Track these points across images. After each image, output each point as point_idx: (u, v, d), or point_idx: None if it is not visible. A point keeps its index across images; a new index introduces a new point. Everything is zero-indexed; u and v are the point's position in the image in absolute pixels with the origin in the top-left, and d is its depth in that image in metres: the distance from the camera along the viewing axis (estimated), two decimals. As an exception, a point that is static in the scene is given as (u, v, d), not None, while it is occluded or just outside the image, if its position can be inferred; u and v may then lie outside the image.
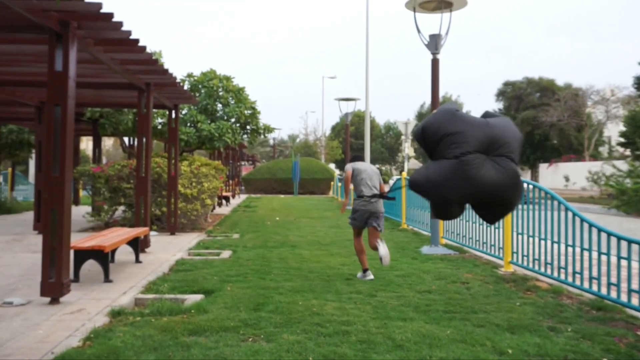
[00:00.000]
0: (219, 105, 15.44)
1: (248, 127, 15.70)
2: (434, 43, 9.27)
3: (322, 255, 8.91)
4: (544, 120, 44.88)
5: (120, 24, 6.01)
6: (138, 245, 8.20)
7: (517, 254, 7.59)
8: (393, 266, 7.89)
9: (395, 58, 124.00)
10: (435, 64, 9.43)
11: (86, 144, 45.11)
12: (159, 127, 14.83)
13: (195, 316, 5.05)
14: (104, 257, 6.63)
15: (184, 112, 14.85)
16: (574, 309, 5.56)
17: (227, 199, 22.57)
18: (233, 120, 15.40)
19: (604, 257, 5.86)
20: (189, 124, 14.83)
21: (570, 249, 6.46)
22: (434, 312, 5.35)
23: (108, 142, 51.11)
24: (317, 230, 12.83)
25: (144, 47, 7.04)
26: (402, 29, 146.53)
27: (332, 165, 52.39)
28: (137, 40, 6.73)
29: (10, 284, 6.45)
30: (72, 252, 6.29)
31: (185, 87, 14.51)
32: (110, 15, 5.73)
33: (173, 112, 11.60)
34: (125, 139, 16.78)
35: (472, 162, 4.44)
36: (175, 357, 4.00)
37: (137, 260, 8.10)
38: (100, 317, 5.04)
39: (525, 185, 7.67)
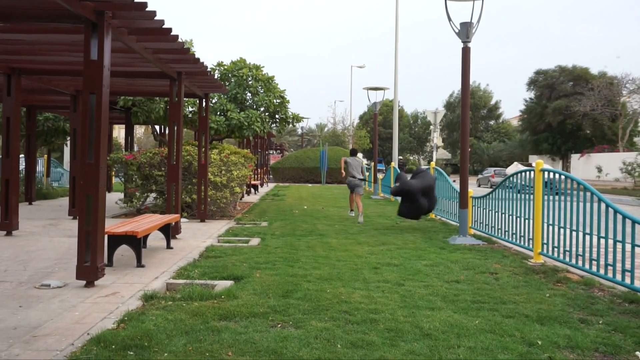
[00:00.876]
0: (249, 94, 15.53)
1: (277, 116, 15.75)
2: (465, 31, 9.12)
3: (350, 244, 8.94)
4: (577, 110, 43.81)
5: (153, 12, 6.09)
6: (169, 231, 8.35)
7: (547, 245, 7.49)
8: (421, 256, 7.89)
9: (425, 47, 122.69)
10: (465, 52, 9.28)
11: (118, 132, 45.95)
12: (189, 115, 15.01)
13: (225, 302, 5.13)
14: (136, 242, 6.78)
15: (214, 100, 14.98)
16: (606, 301, 5.47)
17: (255, 187, 22.76)
18: (262, 109, 15.48)
19: (638, 250, 5.75)
20: (218, 113, 14.96)
21: (602, 241, 6.35)
22: (462, 302, 5.33)
23: (139, 131, 51.90)
24: (344, 219, 12.84)
25: (176, 36, 7.12)
26: (432, 18, 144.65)
27: (360, 155, 52.19)
28: (169, 29, 6.81)
29: (47, 267, 6.65)
30: (106, 237, 6.44)
31: (216, 76, 14.63)
32: (144, 4, 5.81)
33: (203, 100, 11.72)
34: (157, 127, 17.03)
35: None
36: (205, 341, 4.08)
37: (169, 246, 8.25)
38: (133, 301, 5.17)
39: (556, 175, 7.57)
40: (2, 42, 7.70)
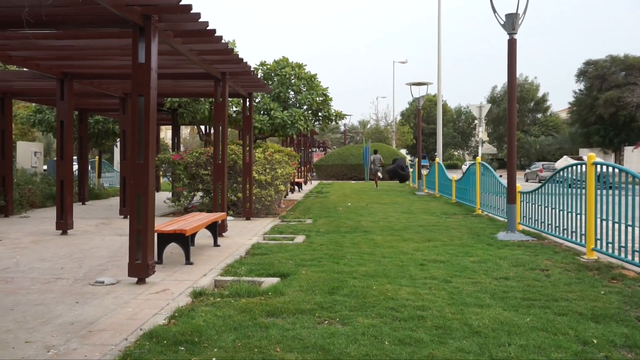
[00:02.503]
0: (291, 93, 15.61)
1: (320, 113, 15.77)
2: (511, 22, 8.89)
3: (395, 240, 8.88)
4: (630, 101, 42.05)
5: (198, 15, 6.20)
6: (216, 229, 8.48)
7: (600, 240, 7.23)
8: (468, 252, 7.76)
9: (468, 41, 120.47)
10: (512, 44, 9.05)
11: (165, 133, 46.99)
12: (234, 115, 15.21)
13: (272, 298, 5.18)
14: (185, 240, 6.92)
15: (257, 100, 15.13)
16: (665, 298, 5.25)
17: (299, 185, 22.88)
18: (305, 107, 15.53)
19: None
20: (262, 112, 15.10)
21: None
22: (511, 299, 5.21)
23: (185, 131, 52.97)
24: (389, 215, 12.79)
25: (220, 37, 7.23)
26: (476, 10, 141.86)
27: (403, 151, 51.75)
28: (214, 31, 6.92)
29: (101, 265, 6.88)
30: (155, 236, 6.60)
31: (259, 76, 14.77)
32: (189, 7, 5.92)
33: (247, 100, 11.86)
34: (202, 128, 17.33)
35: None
36: (254, 337, 4.13)
37: (216, 244, 8.38)
38: (183, 297, 5.28)
39: (609, 168, 7.31)
40: (54, 48, 8.02)
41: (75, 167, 15.73)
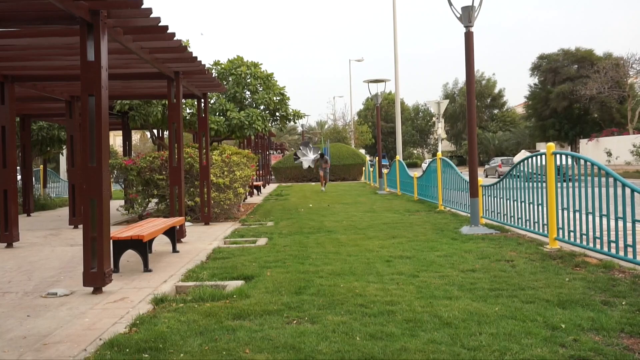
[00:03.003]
0: (248, 93, 15.38)
1: (277, 113, 15.61)
2: (467, 15, 8.95)
3: (360, 239, 8.81)
4: (583, 94, 43.17)
5: (149, 10, 5.97)
6: (174, 235, 8.22)
7: (562, 230, 7.34)
8: (433, 247, 7.75)
9: (422, 38, 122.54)
10: (468, 37, 9.11)
11: (113, 140, 45.78)
12: (188, 117, 14.86)
13: (238, 301, 5.01)
14: (142, 246, 6.65)
15: (212, 101, 14.85)
16: (628, 282, 5.34)
17: (258, 188, 22.63)
18: (262, 107, 15.33)
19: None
20: (218, 113, 14.82)
21: (620, 223, 6.20)
22: (479, 290, 5.21)
23: (134, 137, 51.71)
24: (351, 215, 12.73)
25: (172, 34, 7.00)
26: (431, 5, 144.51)
27: (362, 151, 52.05)
28: (166, 27, 6.69)
29: (52, 276, 6.53)
30: (111, 243, 6.31)
31: (213, 76, 14.49)
32: (139, 2, 5.69)
33: (202, 101, 11.58)
34: (155, 131, 16.89)
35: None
36: (221, 340, 3.97)
37: (175, 250, 8.12)
38: (143, 305, 5.05)
39: (568, 160, 7.41)
40: (-7, 48, 7.56)
41: (19, 177, 14.98)
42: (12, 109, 9.18)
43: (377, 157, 22.37)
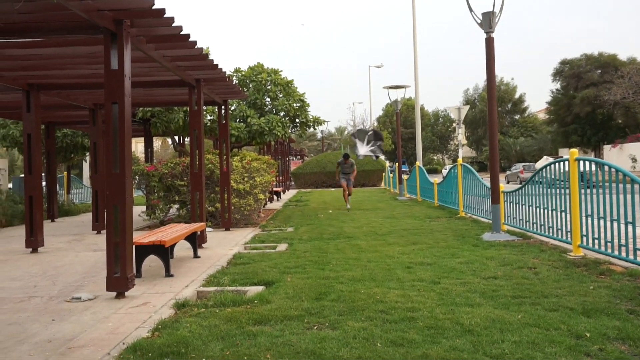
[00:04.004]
0: (268, 99, 15.46)
1: (297, 120, 15.66)
2: (488, 21, 8.90)
3: (380, 245, 8.78)
4: (607, 99, 42.45)
5: (171, 19, 6.05)
6: (196, 240, 8.28)
7: (586, 237, 7.22)
8: (454, 254, 7.69)
9: (442, 44, 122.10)
10: (489, 43, 9.04)
11: (135, 146, 46.35)
12: (208, 124, 14.97)
13: (259, 306, 5.03)
14: (164, 251, 6.71)
15: (232, 107, 14.95)
16: (654, 291, 5.23)
17: (278, 194, 22.70)
18: (282, 113, 15.40)
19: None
20: (238, 120, 14.92)
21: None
22: (501, 298, 5.15)
23: (156, 144, 52.23)
24: (371, 221, 12.69)
25: (194, 42, 7.08)
26: (450, 11, 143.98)
27: (382, 157, 51.86)
28: (187, 35, 6.77)
29: (76, 281, 6.63)
30: (133, 248, 6.39)
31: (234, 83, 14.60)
32: (162, 10, 5.77)
33: (223, 108, 11.68)
34: (176, 138, 17.05)
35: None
36: (242, 345, 3.99)
37: (196, 255, 8.18)
38: (165, 310, 5.09)
39: (591, 166, 7.31)
40: (19, 57, 7.73)
41: (43, 183, 15.25)
42: (37, 116, 9.36)
43: (397, 163, 22.26)
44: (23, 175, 10.73)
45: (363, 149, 19.04)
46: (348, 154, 16.87)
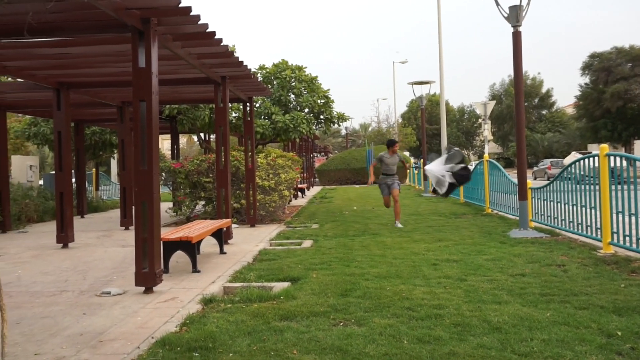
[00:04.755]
0: (292, 96, 15.47)
1: (322, 116, 15.64)
2: (515, 15, 8.76)
3: (405, 241, 8.74)
4: (638, 93, 41.42)
5: (197, 17, 6.10)
6: (222, 236, 8.35)
7: (617, 234, 7.08)
8: (480, 250, 7.62)
9: (468, 38, 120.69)
10: (516, 37, 8.91)
11: (161, 143, 46.90)
12: (234, 121, 15.07)
13: (285, 302, 5.05)
14: (191, 247, 6.79)
15: (257, 104, 15.01)
16: (688, 289, 5.11)
17: (302, 191, 22.76)
18: (307, 110, 15.41)
19: None
20: (263, 117, 14.98)
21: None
22: (529, 295, 5.08)
23: (182, 141, 52.79)
24: (396, 217, 12.59)
25: (220, 40, 7.13)
26: (476, 5, 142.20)
27: (406, 153, 51.57)
28: (213, 33, 6.82)
29: (106, 276, 6.75)
30: (161, 244, 6.47)
31: (258, 80, 14.66)
32: (189, 9, 5.82)
33: (248, 105, 11.74)
34: (202, 135, 17.20)
35: None
36: (269, 340, 4.01)
37: (222, 252, 8.25)
38: (193, 305, 5.15)
39: (622, 162, 7.15)
40: (49, 57, 7.87)
41: (73, 179, 15.56)
42: (67, 114, 9.55)
43: (421, 160, 22.11)
44: (53, 172, 10.95)
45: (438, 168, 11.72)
46: (395, 139, 11.99)
